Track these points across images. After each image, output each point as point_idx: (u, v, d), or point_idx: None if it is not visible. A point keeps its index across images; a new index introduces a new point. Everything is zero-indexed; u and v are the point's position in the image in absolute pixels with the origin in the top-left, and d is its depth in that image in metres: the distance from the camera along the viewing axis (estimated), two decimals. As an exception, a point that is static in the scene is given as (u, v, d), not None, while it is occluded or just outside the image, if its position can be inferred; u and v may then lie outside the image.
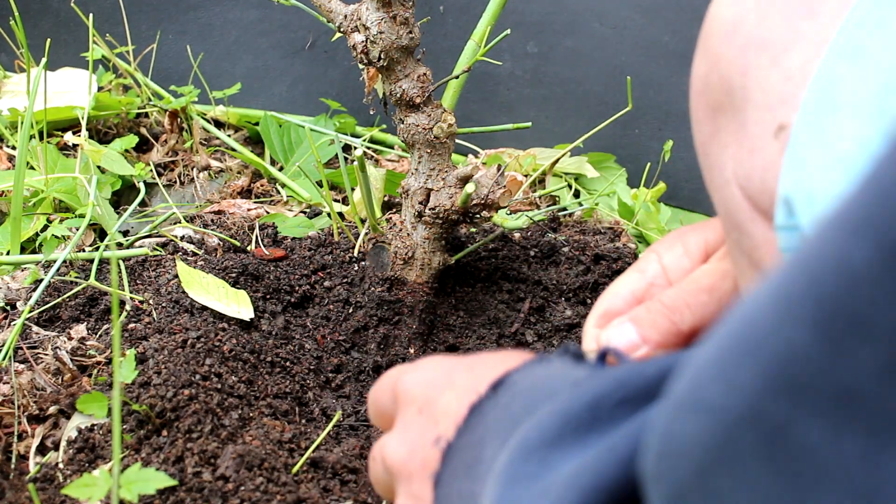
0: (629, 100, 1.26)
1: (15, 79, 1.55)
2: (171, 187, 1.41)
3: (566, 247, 1.21)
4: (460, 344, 1.10)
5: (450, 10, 1.54)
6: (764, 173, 0.43)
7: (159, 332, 0.96)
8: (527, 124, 1.15)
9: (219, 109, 1.57)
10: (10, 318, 1.00)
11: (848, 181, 0.36)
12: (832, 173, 0.37)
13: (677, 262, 0.58)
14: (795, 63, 0.43)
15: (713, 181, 0.49)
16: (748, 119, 0.44)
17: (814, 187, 0.38)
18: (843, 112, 0.38)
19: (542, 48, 1.53)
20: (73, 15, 1.52)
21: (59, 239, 1.15)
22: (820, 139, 0.39)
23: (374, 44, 0.96)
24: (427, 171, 1.03)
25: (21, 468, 0.84)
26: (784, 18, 0.44)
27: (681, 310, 0.55)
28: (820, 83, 0.40)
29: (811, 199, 0.38)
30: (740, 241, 0.47)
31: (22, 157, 1.10)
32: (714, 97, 0.48)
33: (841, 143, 0.37)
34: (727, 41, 0.46)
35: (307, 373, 1.00)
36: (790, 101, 0.42)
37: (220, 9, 1.61)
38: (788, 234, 0.40)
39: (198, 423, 0.83)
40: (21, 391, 0.89)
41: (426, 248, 1.06)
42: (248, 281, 1.06)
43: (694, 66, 0.50)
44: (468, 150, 1.55)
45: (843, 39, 0.40)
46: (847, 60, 0.39)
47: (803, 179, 0.39)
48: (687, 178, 1.50)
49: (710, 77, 0.48)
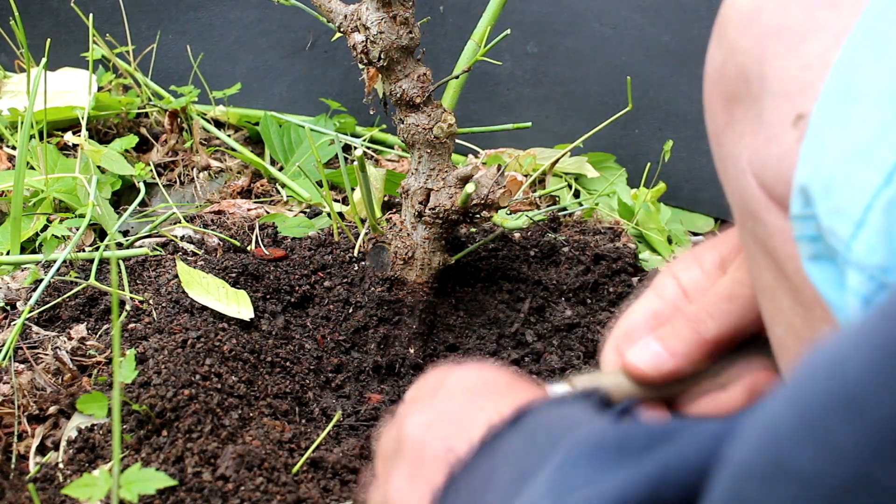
0: (629, 100, 1.26)
1: (15, 79, 1.55)
2: (171, 187, 1.41)
3: (566, 247, 1.21)
4: (460, 344, 1.10)
5: (450, 10, 1.54)
6: (780, 162, 0.42)
7: (159, 332, 0.96)
8: (527, 124, 1.15)
9: (219, 109, 1.57)
10: (10, 318, 1.00)
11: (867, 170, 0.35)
12: (851, 162, 0.37)
13: (696, 282, 0.57)
14: (814, 52, 0.42)
15: (727, 171, 0.49)
16: (765, 108, 0.44)
17: (831, 176, 0.37)
18: (862, 101, 0.37)
19: (542, 48, 1.53)
20: (73, 15, 1.52)
21: (59, 239, 1.15)
22: (839, 128, 0.38)
23: (374, 44, 0.96)
24: (427, 171, 1.03)
25: (21, 468, 0.84)
26: (803, 7, 0.43)
27: (703, 319, 0.54)
28: (839, 72, 0.39)
29: (828, 189, 0.37)
30: (755, 231, 0.46)
31: (22, 157, 1.10)
32: (730, 86, 0.47)
33: (860, 132, 0.37)
34: (744, 30, 0.46)
35: (307, 373, 1.00)
36: (809, 90, 0.42)
37: (220, 9, 1.61)
38: (804, 223, 0.40)
39: (198, 423, 0.83)
40: (21, 391, 0.89)
41: (426, 248, 1.06)
42: (248, 281, 1.06)
43: (709, 55, 0.50)
44: (468, 150, 1.55)
45: (863, 28, 0.39)
46: (867, 49, 0.38)
47: (821, 168, 0.38)
48: (687, 178, 1.50)
49: (726, 66, 0.47)
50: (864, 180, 0.35)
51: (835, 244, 0.37)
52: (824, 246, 0.38)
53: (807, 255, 0.40)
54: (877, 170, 0.35)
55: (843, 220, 0.36)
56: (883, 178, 0.34)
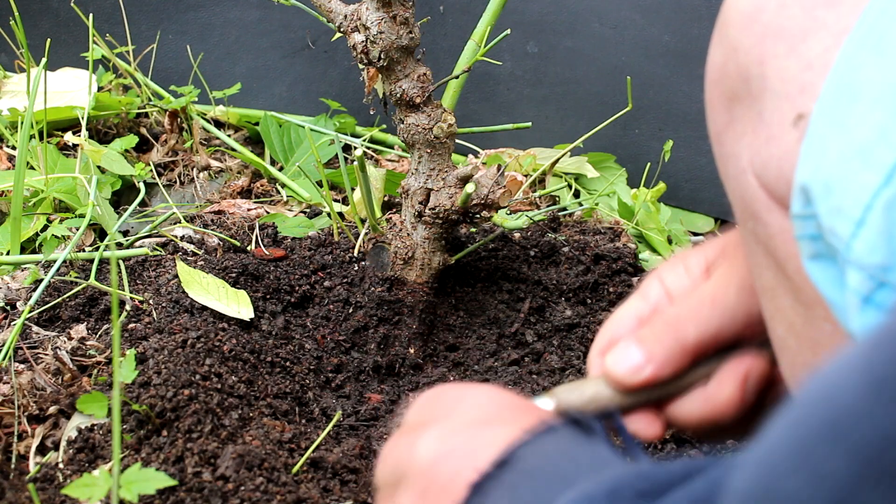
0: (629, 100, 1.26)
1: (15, 79, 1.55)
2: (171, 187, 1.41)
3: (566, 247, 1.21)
4: (460, 344, 1.10)
5: (450, 10, 1.54)
6: (781, 162, 0.42)
7: (159, 332, 0.96)
8: (527, 124, 1.15)
9: (219, 109, 1.57)
10: (10, 318, 1.00)
11: (867, 170, 0.35)
12: (851, 163, 0.37)
13: (679, 283, 0.56)
14: (815, 51, 0.42)
15: (728, 170, 0.49)
16: (765, 108, 0.44)
17: (832, 176, 0.37)
18: (863, 101, 0.37)
19: (542, 48, 1.53)
20: (73, 15, 1.52)
21: (59, 239, 1.15)
22: (839, 128, 0.38)
23: (374, 44, 0.96)
24: (427, 171, 1.03)
25: (21, 468, 0.84)
26: (803, 6, 0.43)
27: (683, 324, 0.53)
28: (840, 72, 0.39)
29: (828, 188, 0.37)
30: (756, 231, 0.46)
31: (22, 157, 1.10)
32: (730, 86, 0.47)
33: (860, 132, 0.37)
34: (745, 29, 0.46)
35: (307, 373, 1.00)
36: (809, 89, 0.42)
37: (220, 9, 1.61)
38: (805, 222, 0.40)
39: (198, 423, 0.83)
40: (21, 391, 0.89)
41: (426, 248, 1.06)
42: (248, 281, 1.06)
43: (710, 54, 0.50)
44: (468, 150, 1.55)
45: (863, 28, 0.39)
46: (868, 49, 0.38)
47: (821, 168, 0.38)
48: (687, 178, 1.50)
49: (727, 66, 0.47)
50: (864, 180, 0.35)
51: (835, 243, 0.37)
52: (825, 245, 0.38)
53: (807, 254, 0.40)
54: (877, 170, 0.35)
55: (843, 219, 0.36)
56: (883, 177, 0.34)
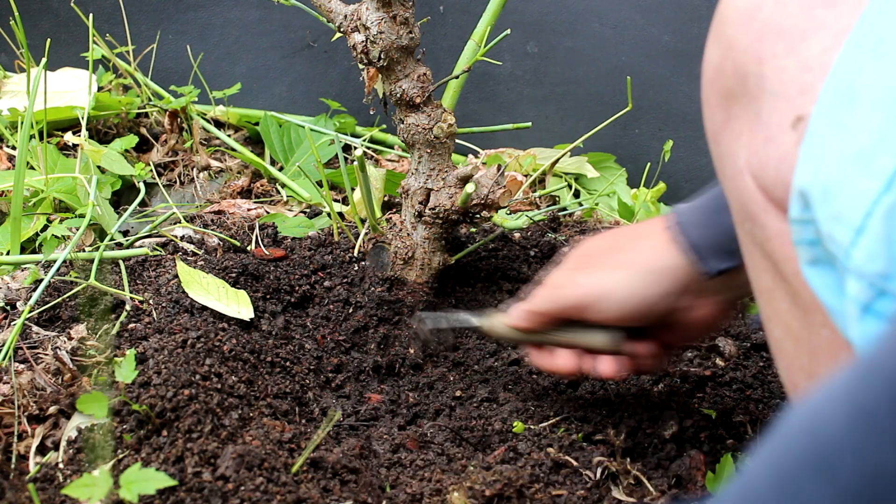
0: (629, 100, 1.26)
1: (15, 79, 1.55)
2: (171, 187, 1.41)
3: (566, 247, 1.21)
4: (460, 344, 1.10)
5: (450, 10, 1.54)
6: (779, 164, 0.42)
7: (159, 332, 0.96)
8: (527, 124, 1.15)
9: (219, 109, 1.57)
10: (10, 318, 1.00)
11: (866, 176, 0.35)
12: (850, 167, 0.36)
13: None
14: (814, 52, 0.42)
15: (725, 170, 0.48)
16: (764, 108, 0.43)
17: (831, 181, 0.37)
18: (862, 104, 0.37)
19: (542, 48, 1.53)
20: (73, 15, 1.52)
21: (59, 239, 1.15)
22: (838, 132, 0.37)
23: (374, 44, 0.96)
24: (427, 171, 1.03)
25: (21, 468, 0.84)
26: (802, 5, 0.43)
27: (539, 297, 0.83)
28: (839, 74, 0.39)
29: (827, 193, 0.37)
30: (753, 232, 0.46)
31: (22, 157, 1.10)
32: (727, 85, 0.47)
33: (860, 136, 0.36)
34: (742, 28, 0.45)
35: (307, 373, 1.00)
36: (808, 91, 0.41)
37: (220, 9, 1.61)
38: (803, 227, 0.39)
39: (198, 423, 0.83)
40: (21, 391, 0.89)
41: (426, 248, 1.06)
42: (248, 281, 1.06)
43: (706, 52, 0.49)
44: (468, 150, 1.55)
45: (863, 29, 0.39)
46: (867, 51, 0.38)
47: (820, 172, 0.38)
48: (687, 178, 1.50)
49: (724, 64, 0.47)
50: (863, 186, 0.35)
51: (834, 250, 0.36)
52: (823, 251, 0.38)
53: (806, 259, 0.40)
54: (877, 176, 0.34)
55: (842, 226, 0.36)
56: (883, 184, 0.34)
